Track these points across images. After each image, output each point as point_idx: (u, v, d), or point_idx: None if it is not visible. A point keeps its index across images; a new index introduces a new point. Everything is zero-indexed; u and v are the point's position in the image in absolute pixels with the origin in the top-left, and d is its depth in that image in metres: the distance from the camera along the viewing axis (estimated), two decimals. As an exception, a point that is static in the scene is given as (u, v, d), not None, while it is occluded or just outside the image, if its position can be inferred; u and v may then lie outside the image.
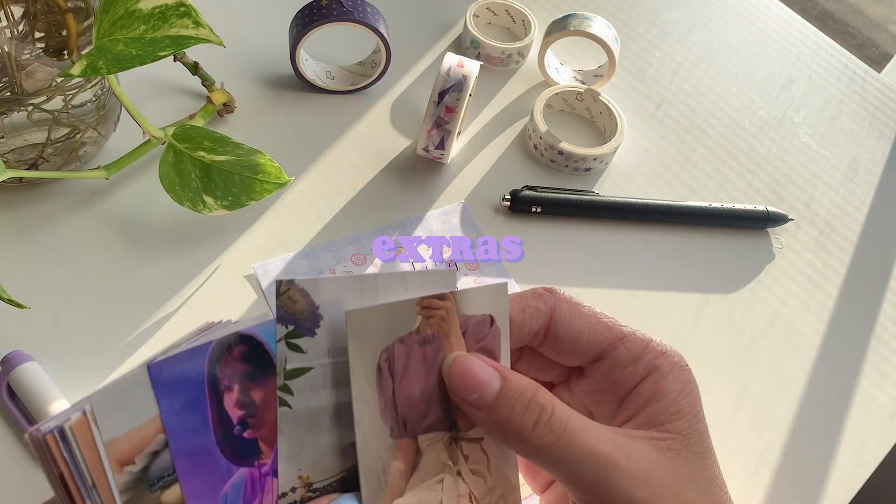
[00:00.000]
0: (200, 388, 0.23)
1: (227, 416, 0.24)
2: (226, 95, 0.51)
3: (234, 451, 0.24)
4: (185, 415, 0.23)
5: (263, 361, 0.24)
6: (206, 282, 0.45)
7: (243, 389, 0.24)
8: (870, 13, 1.88)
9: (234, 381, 0.24)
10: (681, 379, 0.28)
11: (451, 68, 0.48)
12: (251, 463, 0.24)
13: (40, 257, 0.44)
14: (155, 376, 0.23)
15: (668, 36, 0.65)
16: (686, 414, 0.27)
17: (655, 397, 0.27)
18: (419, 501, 0.27)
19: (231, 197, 0.43)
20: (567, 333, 0.29)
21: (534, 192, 0.51)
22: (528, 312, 0.29)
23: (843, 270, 0.53)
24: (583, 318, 0.29)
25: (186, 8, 0.38)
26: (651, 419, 0.27)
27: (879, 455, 0.45)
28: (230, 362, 0.24)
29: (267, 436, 0.25)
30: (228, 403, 0.24)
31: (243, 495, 0.24)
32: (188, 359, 0.23)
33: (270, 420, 0.25)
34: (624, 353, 0.28)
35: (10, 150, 0.43)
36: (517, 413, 0.26)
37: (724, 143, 0.59)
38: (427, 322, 0.27)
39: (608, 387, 0.29)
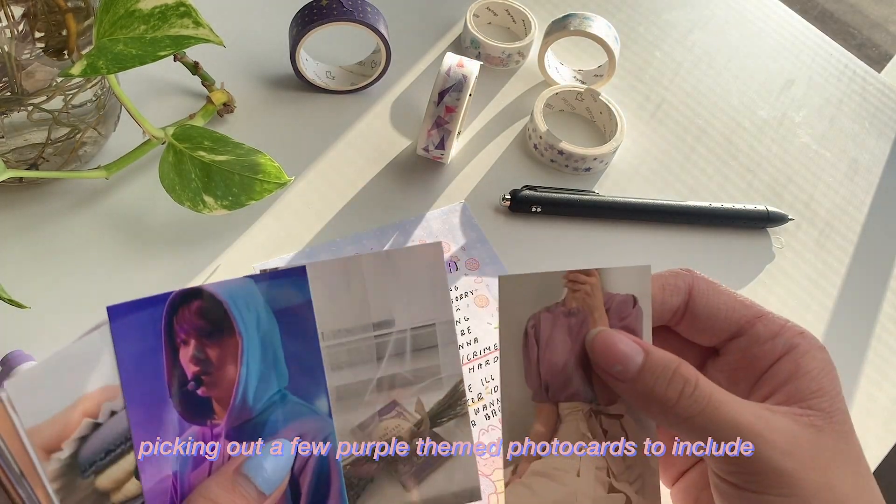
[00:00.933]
0: (157, 336, 0.23)
1: (181, 370, 0.24)
2: (226, 95, 0.51)
3: (187, 407, 0.24)
4: (140, 362, 0.23)
5: (222, 320, 0.24)
6: (206, 282, 0.45)
7: (199, 346, 0.24)
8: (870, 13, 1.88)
9: (191, 335, 0.24)
10: (820, 358, 0.28)
11: (451, 68, 0.48)
12: (203, 422, 0.24)
13: (40, 257, 0.44)
14: (113, 317, 0.23)
15: (668, 36, 0.65)
16: (827, 392, 0.27)
17: (796, 374, 0.28)
18: (556, 466, 0.28)
19: (231, 197, 0.43)
20: (706, 310, 0.29)
21: (534, 191, 0.51)
22: (669, 290, 0.29)
23: (843, 270, 0.53)
24: (721, 296, 0.29)
25: (186, 8, 0.38)
26: (792, 396, 0.27)
27: (879, 455, 0.45)
28: (187, 316, 0.24)
29: (221, 396, 0.24)
30: (184, 357, 0.24)
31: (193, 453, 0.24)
32: (148, 305, 0.23)
33: (226, 382, 0.24)
34: (762, 329, 0.29)
35: (10, 150, 0.43)
36: (661, 385, 0.26)
37: (724, 143, 0.59)
38: (573, 295, 0.28)
39: (746, 364, 0.29)
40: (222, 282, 0.24)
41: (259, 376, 0.25)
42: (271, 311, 0.25)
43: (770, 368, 0.28)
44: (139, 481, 0.23)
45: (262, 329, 0.25)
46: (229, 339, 0.24)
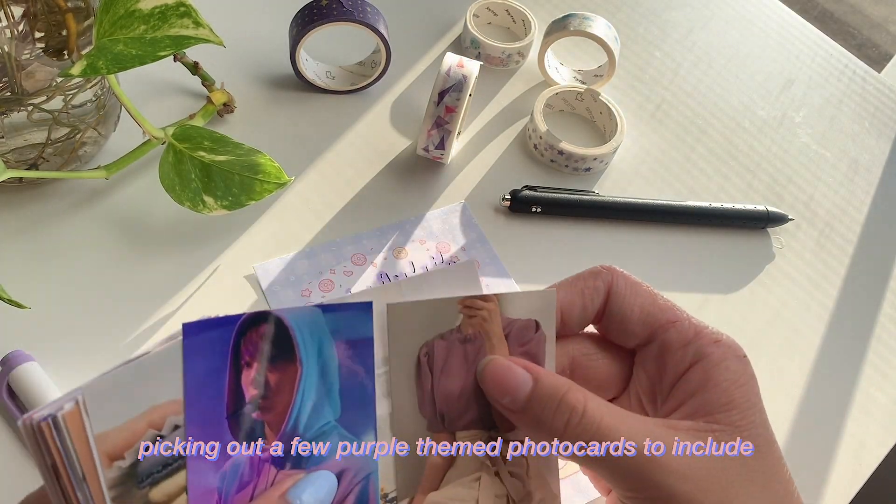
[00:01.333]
0: (225, 357, 0.23)
1: (241, 392, 0.24)
2: (226, 95, 0.51)
3: (241, 429, 0.24)
4: (205, 380, 0.23)
5: (286, 346, 0.24)
6: (206, 282, 0.45)
7: (261, 369, 0.24)
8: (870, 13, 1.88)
9: (255, 358, 0.24)
10: (734, 369, 0.26)
11: (451, 68, 0.48)
12: (254, 444, 0.24)
13: (40, 257, 0.44)
14: (187, 333, 0.22)
15: (668, 36, 0.65)
16: (738, 405, 0.26)
17: (705, 386, 0.26)
18: (454, 496, 0.27)
19: (231, 197, 0.43)
20: (620, 312, 0.28)
21: (534, 192, 0.51)
22: (588, 293, 0.28)
23: (842, 270, 0.53)
24: (638, 297, 0.28)
25: (186, 8, 0.38)
26: (699, 409, 0.26)
27: (879, 455, 0.45)
28: (254, 338, 0.24)
29: (274, 421, 0.24)
30: (245, 380, 0.24)
31: (240, 477, 0.24)
32: (221, 325, 0.23)
33: (280, 406, 0.24)
34: (674, 336, 0.27)
35: (10, 150, 0.43)
36: (548, 414, 0.25)
37: (724, 143, 0.59)
38: (469, 321, 0.27)
39: (657, 372, 0.28)
40: (291, 308, 0.24)
41: (313, 405, 0.25)
42: (333, 342, 0.25)
43: (680, 379, 0.27)
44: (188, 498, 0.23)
45: (323, 359, 0.25)
46: (290, 365, 0.24)
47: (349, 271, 0.46)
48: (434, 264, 0.47)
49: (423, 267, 0.47)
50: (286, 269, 0.46)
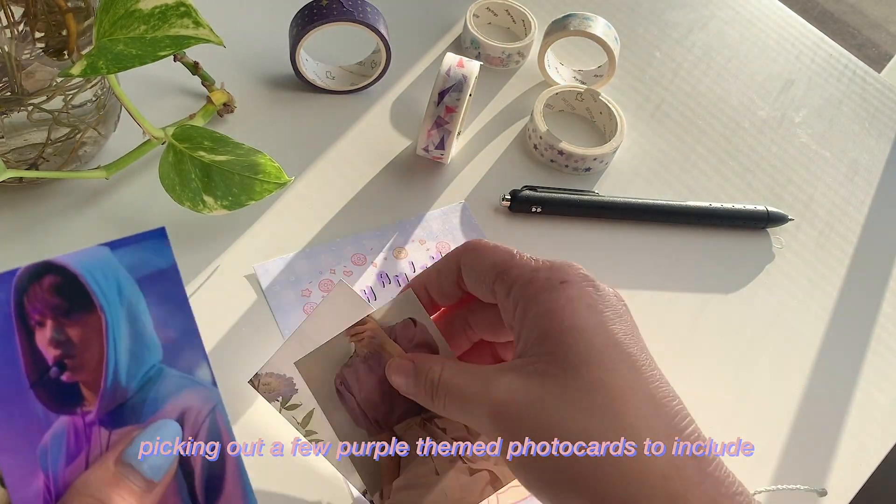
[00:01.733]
0: (6, 319, 0.21)
1: (40, 356, 0.21)
2: (226, 95, 0.51)
3: (52, 396, 0.21)
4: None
5: (80, 295, 0.22)
6: (206, 282, 0.45)
7: (58, 326, 0.21)
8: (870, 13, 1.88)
9: (47, 315, 0.21)
10: (546, 299, 0.28)
11: (451, 68, 0.48)
12: (73, 410, 0.22)
13: (40, 257, 0.44)
14: None
15: (668, 36, 0.65)
16: (552, 334, 0.27)
17: (522, 325, 0.28)
18: (416, 475, 0.31)
19: (231, 197, 0.43)
20: (468, 279, 0.31)
21: (534, 192, 0.51)
22: (444, 272, 0.32)
23: (842, 270, 0.53)
24: (479, 260, 0.31)
25: (186, 8, 0.38)
26: (525, 348, 0.28)
27: (879, 455, 0.45)
28: (40, 294, 0.21)
29: (89, 379, 0.22)
30: (41, 341, 0.21)
31: (66, 448, 0.21)
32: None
33: (92, 362, 0.22)
34: (500, 288, 0.30)
35: (10, 150, 0.43)
36: (423, 389, 0.30)
37: (724, 143, 0.59)
38: (360, 344, 0.32)
39: (505, 323, 0.30)
40: (74, 253, 0.22)
41: (130, 352, 0.22)
42: (133, 279, 0.22)
43: (511, 322, 0.29)
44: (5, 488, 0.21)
45: (126, 300, 0.22)
46: (90, 315, 0.22)
47: (349, 271, 0.46)
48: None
49: (423, 267, 0.47)
50: (286, 270, 0.46)
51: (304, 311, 0.44)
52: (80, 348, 0.22)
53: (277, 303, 0.44)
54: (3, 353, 0.20)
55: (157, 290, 0.23)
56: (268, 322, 0.44)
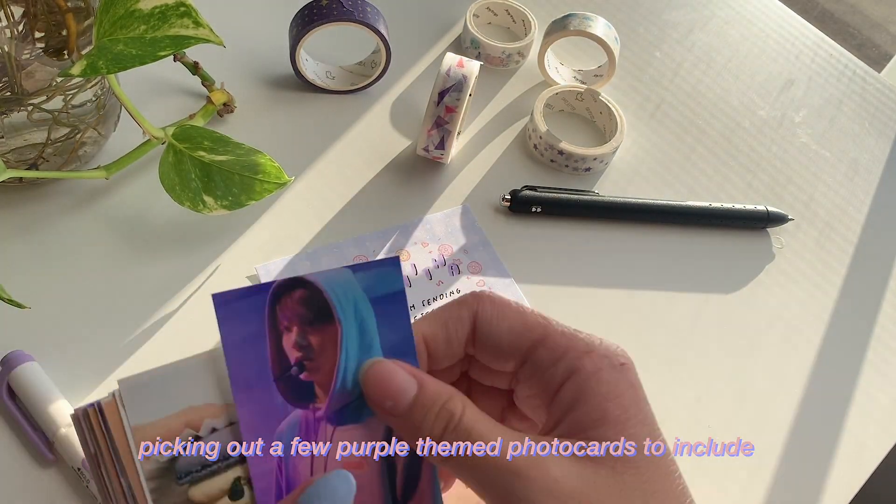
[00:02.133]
0: (260, 323, 0.24)
1: (284, 356, 0.25)
2: (226, 95, 0.51)
3: (291, 391, 0.25)
4: (245, 347, 0.24)
5: (322, 308, 0.25)
6: (206, 282, 0.45)
7: (301, 332, 0.25)
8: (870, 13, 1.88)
9: (294, 322, 0.25)
10: (608, 380, 0.25)
11: (451, 68, 0.48)
12: (306, 405, 0.25)
13: (40, 257, 0.44)
14: (218, 304, 0.23)
15: (668, 36, 0.65)
16: (614, 420, 0.25)
17: (577, 402, 0.25)
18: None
19: (231, 197, 0.43)
20: (490, 338, 0.27)
21: (534, 192, 0.51)
22: (452, 324, 0.27)
23: (842, 270, 0.53)
24: (506, 319, 0.27)
25: (186, 8, 0.38)
26: (573, 427, 0.25)
27: (879, 455, 0.45)
28: (290, 304, 0.25)
29: (323, 381, 0.25)
30: (287, 343, 0.25)
31: (298, 435, 0.25)
32: (251, 293, 0.24)
33: (327, 366, 0.25)
34: (544, 354, 0.26)
35: (10, 150, 0.43)
36: (429, 420, 0.24)
37: (724, 143, 0.59)
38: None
39: (536, 392, 0.27)
40: (322, 272, 0.25)
41: (357, 361, 0.26)
42: (367, 299, 0.26)
43: (554, 397, 0.26)
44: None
45: (360, 317, 0.26)
46: (329, 326, 0.25)
47: (349, 271, 0.46)
48: (436, 266, 0.47)
49: (426, 269, 0.47)
50: (288, 270, 0.46)
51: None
52: (317, 353, 0.25)
53: (277, 303, 0.44)
54: (255, 349, 0.24)
55: (386, 311, 0.26)
56: (268, 322, 0.44)
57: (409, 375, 0.25)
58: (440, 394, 0.25)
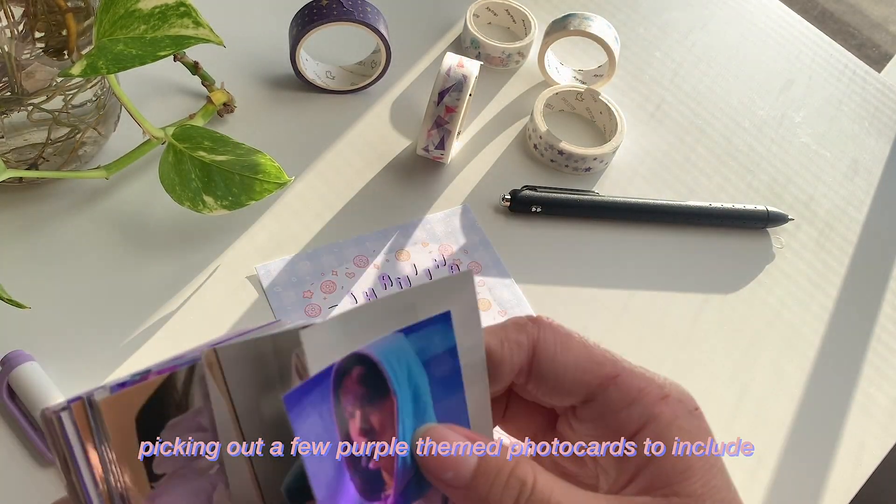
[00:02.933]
0: (330, 416, 0.21)
1: (355, 447, 0.22)
2: (226, 95, 0.51)
3: (364, 484, 0.22)
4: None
5: (379, 382, 0.22)
6: (206, 282, 0.45)
7: (364, 416, 0.22)
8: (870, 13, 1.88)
9: (356, 406, 0.22)
10: (688, 428, 0.23)
11: (451, 68, 0.48)
12: (378, 496, 0.22)
13: (40, 257, 0.44)
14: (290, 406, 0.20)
15: (668, 36, 0.65)
16: (698, 470, 0.23)
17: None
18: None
19: (231, 197, 0.43)
20: (551, 371, 0.25)
21: (534, 192, 0.51)
22: (508, 346, 0.25)
23: (842, 270, 0.53)
24: (570, 352, 0.25)
25: (186, 8, 0.38)
26: (655, 481, 0.23)
27: (879, 455, 0.45)
28: (350, 386, 0.22)
29: (386, 464, 0.23)
30: (354, 432, 0.22)
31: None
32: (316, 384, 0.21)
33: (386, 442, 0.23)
34: (615, 395, 0.24)
35: (10, 150, 0.43)
36: (496, 491, 0.22)
37: (724, 143, 0.59)
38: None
39: (600, 434, 0.24)
40: (375, 342, 0.22)
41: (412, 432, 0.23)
42: (419, 363, 0.23)
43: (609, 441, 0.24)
44: None
45: (413, 383, 0.23)
46: (385, 400, 0.23)
47: (351, 273, 0.46)
48: (436, 266, 0.47)
49: (426, 270, 0.47)
50: (288, 270, 0.46)
51: (306, 313, 0.44)
52: (378, 434, 0.22)
53: (279, 304, 0.44)
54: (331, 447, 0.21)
55: (438, 372, 0.23)
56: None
57: (467, 441, 0.23)
58: (504, 463, 0.22)
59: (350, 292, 0.45)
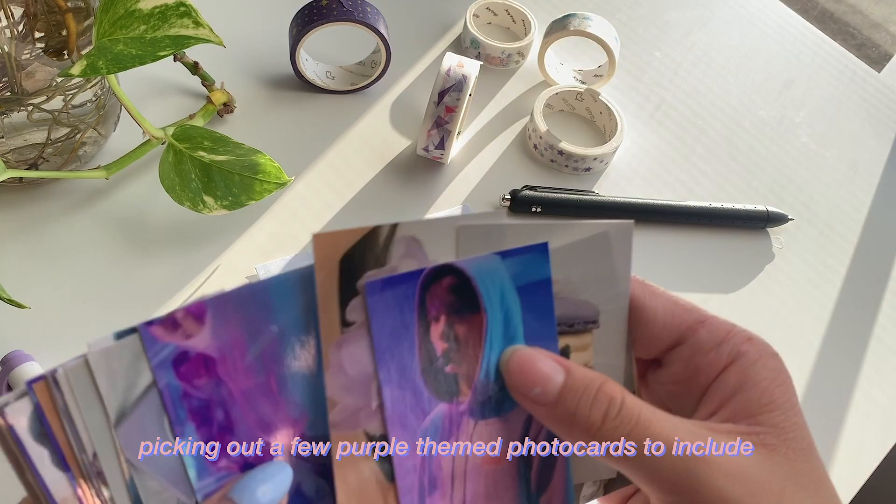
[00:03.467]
0: (411, 312, 0.23)
1: (432, 347, 0.24)
2: (226, 95, 0.51)
3: (436, 384, 0.24)
4: (394, 338, 0.23)
5: (470, 297, 0.24)
6: (206, 282, 0.45)
7: (449, 322, 0.24)
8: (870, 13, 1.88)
9: (442, 312, 0.23)
10: (771, 367, 0.25)
11: (451, 68, 0.48)
12: (450, 399, 0.24)
13: (40, 257, 0.44)
14: (370, 292, 0.22)
15: (668, 36, 0.65)
16: (780, 405, 0.24)
17: (744, 386, 0.24)
18: None
19: (231, 197, 0.43)
20: (641, 317, 0.26)
21: (534, 192, 0.51)
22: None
23: (842, 270, 0.53)
24: (658, 298, 0.26)
25: (186, 8, 0.38)
26: (740, 411, 0.24)
27: (879, 455, 0.45)
28: (439, 292, 0.23)
29: (467, 373, 0.24)
30: (434, 334, 0.23)
31: (441, 432, 0.24)
32: (402, 281, 0.23)
33: (470, 357, 0.24)
34: (706, 336, 0.25)
35: (10, 150, 0.43)
36: (584, 406, 0.23)
37: (724, 143, 0.59)
38: None
39: (689, 376, 0.25)
40: (471, 258, 0.23)
41: (500, 353, 0.24)
42: (514, 287, 0.24)
43: (715, 381, 0.25)
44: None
45: (505, 306, 0.24)
46: (475, 315, 0.24)
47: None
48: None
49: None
50: (287, 270, 0.46)
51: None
52: (462, 344, 0.24)
53: (277, 303, 0.44)
54: (403, 341, 0.23)
55: (532, 300, 0.25)
56: (268, 322, 0.44)
57: (553, 362, 0.24)
58: (593, 378, 0.23)
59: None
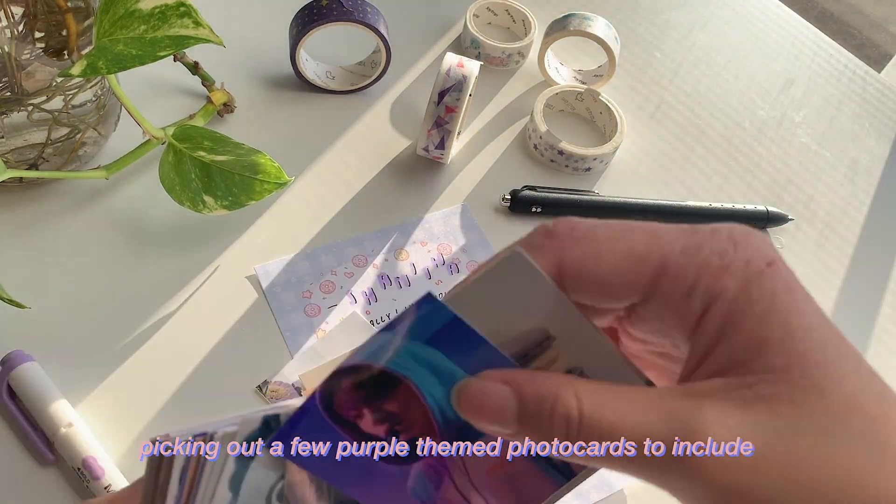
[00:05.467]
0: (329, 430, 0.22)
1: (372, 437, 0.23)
2: (226, 95, 0.51)
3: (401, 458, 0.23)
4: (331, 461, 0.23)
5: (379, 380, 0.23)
6: (206, 282, 0.45)
7: (375, 408, 0.23)
8: (870, 13, 1.88)
9: (360, 407, 0.23)
10: (759, 295, 0.19)
11: (451, 68, 0.48)
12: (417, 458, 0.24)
13: (40, 257, 0.44)
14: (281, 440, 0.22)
15: (668, 36, 0.65)
16: (775, 342, 0.19)
17: (725, 333, 0.20)
18: None
19: (231, 197, 0.43)
20: (589, 285, 0.21)
21: (534, 192, 0.51)
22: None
23: (842, 271, 0.53)
24: (602, 261, 0.21)
25: (186, 8, 0.38)
26: (727, 362, 0.19)
27: (879, 455, 0.45)
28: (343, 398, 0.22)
29: (423, 430, 0.23)
30: (367, 427, 0.23)
31: (430, 480, 0.24)
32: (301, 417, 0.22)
33: (418, 415, 0.23)
34: (670, 286, 0.20)
35: (10, 150, 0.43)
36: (545, 428, 0.20)
37: (724, 143, 0.59)
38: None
39: (667, 328, 0.21)
40: (357, 350, 0.22)
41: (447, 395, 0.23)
42: (422, 343, 0.23)
43: (694, 334, 0.20)
44: None
45: (423, 361, 0.23)
46: (398, 387, 0.23)
47: (350, 273, 0.46)
48: (435, 265, 0.47)
49: (425, 269, 0.47)
50: (287, 270, 0.46)
51: (305, 313, 0.44)
52: (402, 414, 0.23)
53: (278, 304, 0.44)
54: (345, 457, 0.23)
55: (450, 341, 0.23)
56: (268, 323, 0.44)
57: (501, 385, 0.21)
58: (543, 398, 0.20)
59: (349, 292, 0.45)
